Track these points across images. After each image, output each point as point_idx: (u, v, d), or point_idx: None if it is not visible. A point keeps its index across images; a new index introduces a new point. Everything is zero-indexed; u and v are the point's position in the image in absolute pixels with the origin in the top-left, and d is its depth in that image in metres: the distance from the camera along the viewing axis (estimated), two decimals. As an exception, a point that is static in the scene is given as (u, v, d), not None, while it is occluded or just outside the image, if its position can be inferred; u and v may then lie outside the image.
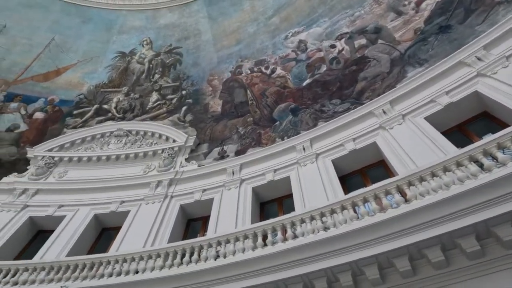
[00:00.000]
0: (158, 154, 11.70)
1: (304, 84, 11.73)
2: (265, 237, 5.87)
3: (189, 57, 14.48)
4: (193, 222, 9.70)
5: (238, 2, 14.25)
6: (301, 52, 12.52)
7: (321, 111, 10.60)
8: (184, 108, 13.27)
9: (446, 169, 5.12)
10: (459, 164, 5.06)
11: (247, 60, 13.58)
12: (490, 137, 5.12)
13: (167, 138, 12.24)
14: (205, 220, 9.19)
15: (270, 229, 5.93)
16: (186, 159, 11.45)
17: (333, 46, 11.82)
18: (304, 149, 9.54)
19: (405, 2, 10.75)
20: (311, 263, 4.93)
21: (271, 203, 9.31)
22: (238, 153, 10.85)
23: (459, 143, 6.84)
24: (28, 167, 11.42)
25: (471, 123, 7.72)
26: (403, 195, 5.27)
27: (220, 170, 10.25)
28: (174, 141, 11.99)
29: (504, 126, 6.28)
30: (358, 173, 8.59)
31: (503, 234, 4.20)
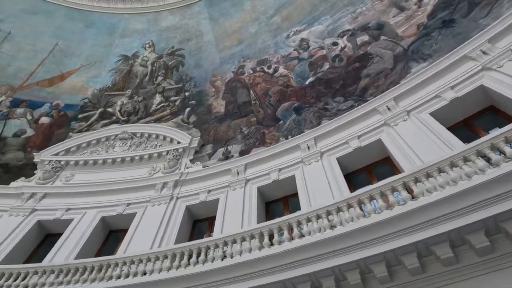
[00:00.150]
0: (163, 156, 11.76)
1: (307, 83, 11.69)
2: (272, 237, 5.85)
3: (191, 59, 14.53)
4: (199, 223, 9.73)
5: (239, 2, 14.25)
6: (303, 51, 12.48)
7: (325, 109, 10.56)
8: (188, 110, 13.33)
9: (453, 165, 5.06)
10: (466, 160, 5.01)
11: (249, 60, 13.58)
12: (498, 131, 5.05)
13: (172, 140, 12.30)
14: (211, 221, 9.21)
15: (276, 229, 5.92)
16: (191, 160, 11.49)
17: (335, 44, 11.77)
18: (309, 148, 9.52)
19: (408, -3, 10.67)
20: (318, 262, 4.91)
21: (277, 203, 9.31)
22: (243, 153, 10.85)
23: (466, 138, 6.76)
24: (35, 172, 11.57)
25: (478, 118, 7.63)
26: (410, 192, 5.23)
27: (225, 171, 10.28)
28: (179, 143, 12.04)
29: (511, 120, 6.20)
30: (364, 171, 8.54)
31: (513, 229, 4.15)
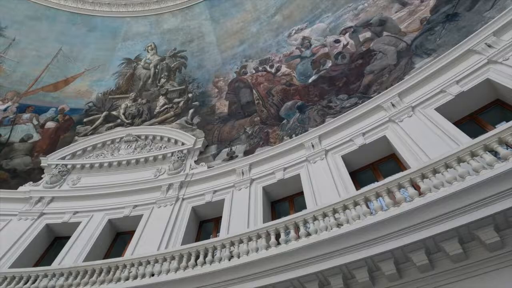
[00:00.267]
0: (168, 158, 11.81)
1: (310, 81, 11.65)
2: (278, 236, 5.85)
3: (194, 60, 14.57)
4: (205, 224, 9.76)
5: (240, 3, 14.25)
6: (305, 49, 12.45)
7: (329, 107, 10.51)
8: (191, 111, 13.37)
9: (460, 160, 5.01)
10: (474, 154, 4.95)
11: (252, 60, 13.58)
12: (505, 125, 4.98)
13: (176, 141, 12.35)
14: (217, 221, 9.24)
15: (283, 228, 5.91)
16: (196, 161, 11.53)
17: (338, 41, 11.71)
18: (313, 146, 9.48)
19: (410, -8, 10.57)
20: (326, 260, 4.90)
21: (282, 202, 9.29)
22: (247, 153, 10.85)
23: (472, 133, 6.68)
24: (43, 176, 11.70)
25: (484, 112, 7.54)
26: (417, 189, 5.18)
27: (230, 171, 10.28)
28: (183, 144, 12.09)
29: (519, 114, 6.12)
30: (369, 168, 8.49)
31: (524, 224, 4.10)
